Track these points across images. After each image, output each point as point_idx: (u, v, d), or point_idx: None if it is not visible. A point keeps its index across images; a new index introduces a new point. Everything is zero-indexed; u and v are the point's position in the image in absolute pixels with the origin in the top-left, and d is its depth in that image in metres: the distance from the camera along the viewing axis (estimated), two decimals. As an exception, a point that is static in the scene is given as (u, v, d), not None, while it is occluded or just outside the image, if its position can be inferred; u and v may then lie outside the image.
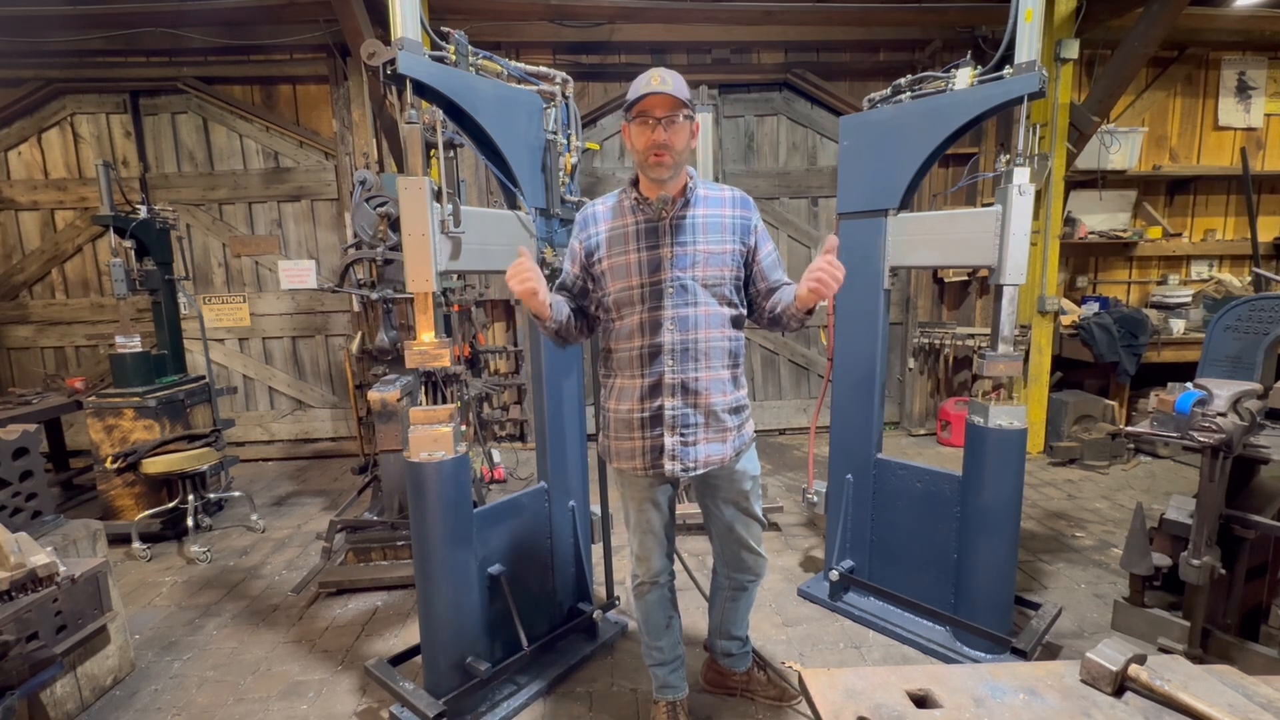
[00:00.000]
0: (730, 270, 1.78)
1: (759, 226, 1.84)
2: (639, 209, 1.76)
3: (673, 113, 1.63)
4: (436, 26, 2.00)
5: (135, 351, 3.82)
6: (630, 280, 1.74)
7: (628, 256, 1.75)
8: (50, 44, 4.61)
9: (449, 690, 2.07)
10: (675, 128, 1.65)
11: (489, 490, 4.33)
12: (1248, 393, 2.15)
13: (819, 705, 1.17)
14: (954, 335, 5.17)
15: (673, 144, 1.65)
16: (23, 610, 1.95)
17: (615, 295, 1.76)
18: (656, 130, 1.64)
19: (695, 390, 1.76)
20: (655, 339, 1.74)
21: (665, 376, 1.75)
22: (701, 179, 1.83)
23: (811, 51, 5.23)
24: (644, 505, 1.91)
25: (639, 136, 1.67)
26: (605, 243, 1.78)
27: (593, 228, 1.81)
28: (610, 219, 1.79)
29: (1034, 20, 2.14)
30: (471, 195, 4.85)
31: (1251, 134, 5.50)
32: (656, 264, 1.73)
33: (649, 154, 1.66)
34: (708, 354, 1.76)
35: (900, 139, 2.50)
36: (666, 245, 1.74)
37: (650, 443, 1.78)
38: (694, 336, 1.74)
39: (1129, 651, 1.19)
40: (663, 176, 1.69)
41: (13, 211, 5.12)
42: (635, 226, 1.76)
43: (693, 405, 1.76)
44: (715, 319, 1.77)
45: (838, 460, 2.85)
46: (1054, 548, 3.42)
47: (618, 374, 1.83)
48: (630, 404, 1.78)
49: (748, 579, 2.08)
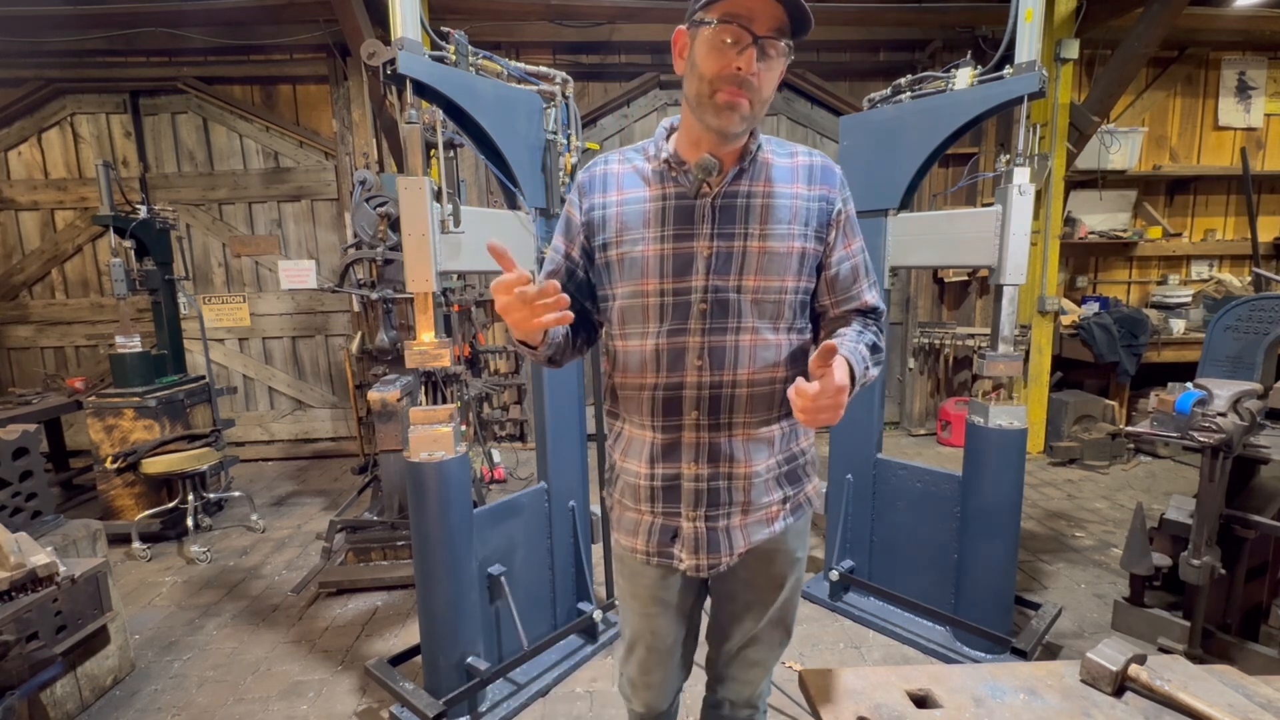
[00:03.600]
0: (798, 281, 1.19)
1: (846, 213, 1.22)
2: (670, 176, 1.17)
3: (777, 34, 1.04)
4: (436, 26, 2.00)
5: (135, 351, 3.83)
6: (646, 283, 1.16)
7: (647, 247, 1.16)
8: (50, 44, 4.60)
9: (449, 690, 2.07)
10: (770, 60, 1.06)
11: (489, 490, 4.33)
12: (1248, 393, 2.15)
13: (819, 705, 1.17)
14: (954, 335, 5.17)
15: (763, 84, 1.07)
16: (23, 610, 1.96)
17: (621, 302, 1.20)
18: (747, 54, 1.02)
19: (730, 456, 1.20)
20: (675, 376, 1.17)
21: (685, 434, 1.19)
22: (766, 135, 1.23)
23: (811, 51, 5.23)
24: (650, 606, 1.31)
25: (711, 55, 1.04)
26: (612, 219, 1.19)
27: (599, 194, 1.21)
28: (628, 185, 1.20)
29: (1034, 20, 2.14)
30: (471, 195, 4.85)
31: (1251, 134, 5.49)
32: (687, 263, 1.15)
33: (722, 85, 1.05)
34: (751, 403, 1.19)
35: (900, 139, 2.50)
36: (705, 236, 1.14)
37: (661, 521, 1.23)
38: (731, 378, 1.17)
39: (1129, 651, 1.19)
40: (734, 128, 1.09)
41: (13, 211, 5.12)
42: (662, 202, 1.16)
43: (727, 477, 1.20)
44: (768, 353, 1.18)
45: (838, 460, 2.85)
46: (1054, 548, 3.42)
47: (625, 418, 1.27)
48: (639, 464, 1.23)
49: (737, 703, 1.43)
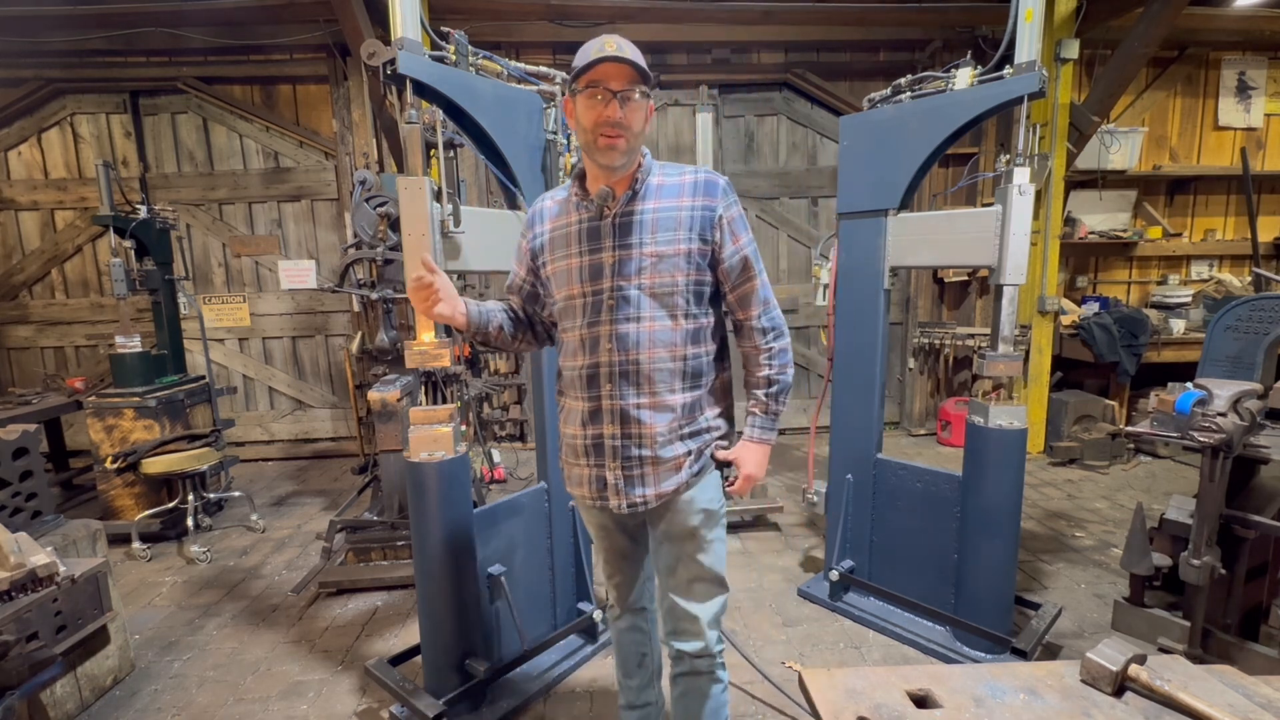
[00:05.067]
0: (687, 275, 1.48)
1: (728, 217, 1.50)
2: (582, 205, 1.51)
3: (630, 87, 1.37)
4: (436, 26, 2.01)
5: (135, 351, 3.83)
6: (571, 289, 1.51)
7: (569, 261, 1.50)
8: (50, 44, 4.60)
9: (449, 690, 2.07)
10: (632, 105, 1.38)
11: (489, 490, 4.33)
12: (1248, 393, 2.15)
13: (819, 705, 1.17)
14: (954, 335, 5.17)
15: (630, 124, 1.39)
16: (23, 610, 1.96)
17: (560, 305, 1.55)
18: (611, 105, 1.36)
19: (637, 419, 1.49)
20: (593, 358, 1.50)
21: (604, 403, 1.50)
22: (661, 162, 1.55)
23: (811, 51, 5.23)
24: (600, 531, 1.70)
25: (587, 112, 1.39)
26: (549, 244, 1.55)
27: (539, 226, 1.58)
28: (556, 216, 1.55)
29: (1034, 20, 2.14)
30: (471, 195, 4.85)
31: (1251, 134, 5.50)
32: (598, 270, 1.47)
33: (598, 133, 1.38)
34: (651, 378, 1.48)
35: (900, 139, 2.50)
36: (610, 249, 1.47)
37: (595, 472, 1.56)
38: (635, 357, 1.47)
39: (1129, 651, 1.19)
40: (615, 163, 1.41)
41: (13, 211, 5.12)
42: (578, 226, 1.51)
43: (635, 436, 1.50)
44: (662, 336, 1.48)
45: (838, 460, 2.85)
46: (1054, 548, 3.42)
47: (566, 393, 1.61)
48: (574, 428, 1.57)
49: (676, 640, 1.61)
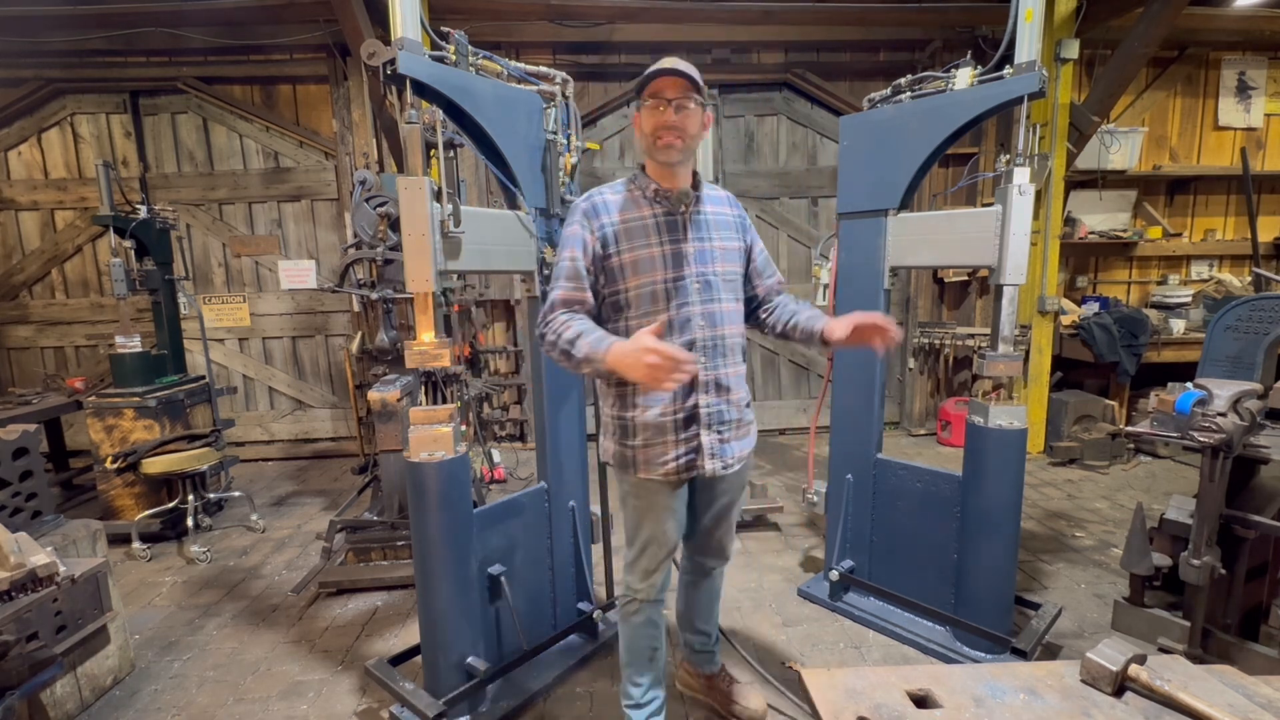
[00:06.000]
0: (738, 266, 1.80)
1: (749, 224, 1.89)
2: (659, 200, 1.70)
3: (685, 95, 1.60)
4: (436, 26, 2.00)
5: (135, 351, 3.83)
6: (655, 275, 1.67)
7: (650, 250, 1.68)
8: (50, 44, 4.60)
9: (449, 690, 2.07)
10: (687, 111, 1.61)
11: (489, 490, 4.33)
12: (1248, 393, 2.15)
13: (819, 705, 1.17)
14: (954, 335, 5.17)
15: (685, 127, 1.61)
16: (23, 610, 1.96)
17: (635, 291, 1.68)
18: (667, 112, 1.60)
19: (727, 386, 1.74)
20: (686, 336, 1.69)
21: (699, 374, 1.70)
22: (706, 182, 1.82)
23: (811, 51, 5.23)
24: (664, 517, 1.79)
25: (648, 118, 1.63)
26: (622, 234, 1.68)
27: (605, 217, 1.70)
28: (623, 209, 1.70)
29: (1034, 20, 2.14)
30: (471, 195, 4.85)
31: (1251, 134, 5.49)
32: (680, 259, 1.69)
33: (657, 135, 1.62)
34: (732, 350, 1.75)
35: (900, 139, 2.50)
36: (687, 240, 1.70)
37: (685, 445, 1.72)
38: (721, 333, 1.72)
39: (1129, 651, 1.19)
40: (673, 160, 1.65)
41: (13, 211, 5.12)
42: (655, 219, 1.69)
43: (726, 401, 1.74)
44: (734, 315, 1.77)
45: (838, 460, 2.85)
46: (1054, 548, 3.42)
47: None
48: (663, 407, 1.70)
49: (716, 563, 2.04)
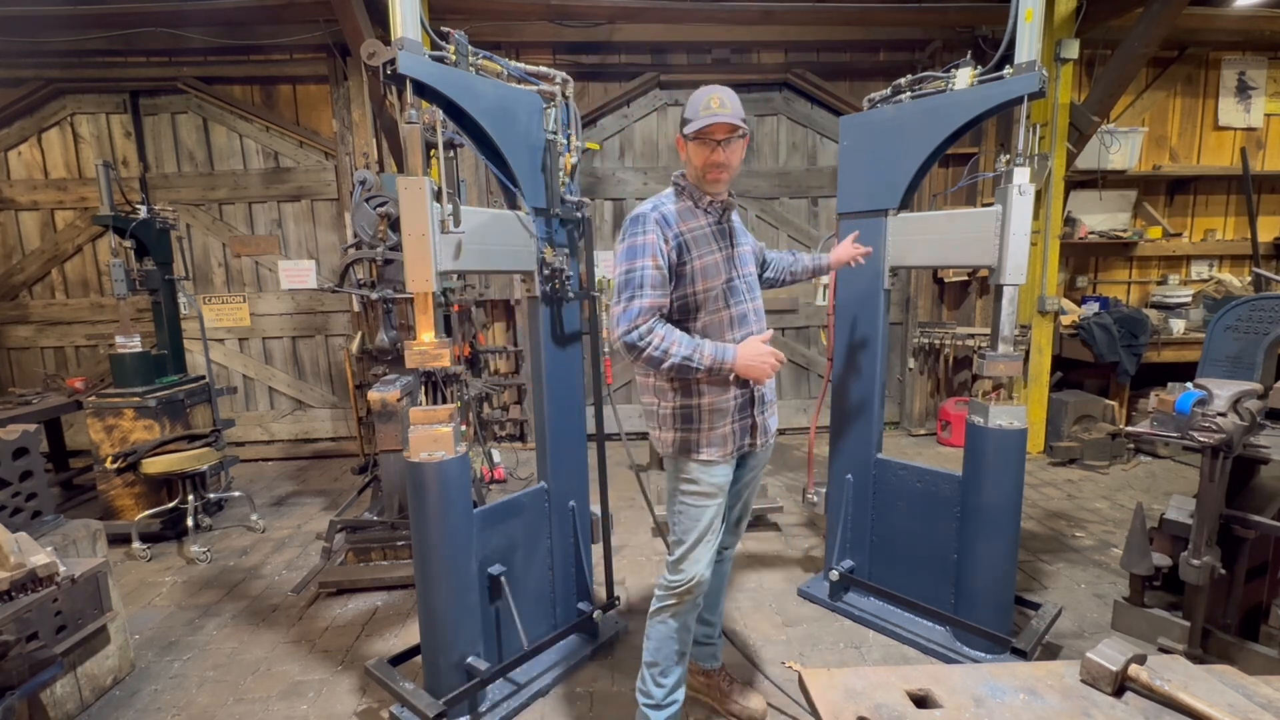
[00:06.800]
0: (756, 268, 2.08)
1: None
2: (710, 210, 1.89)
3: (730, 135, 1.77)
4: (436, 26, 2.00)
5: (135, 351, 3.83)
6: (719, 278, 1.86)
7: (715, 255, 1.87)
8: (50, 44, 4.61)
9: (449, 690, 2.07)
10: (732, 148, 1.79)
11: (489, 490, 4.33)
12: (1248, 393, 2.15)
13: (819, 705, 1.17)
14: (954, 335, 5.17)
15: (730, 163, 1.81)
16: (23, 610, 1.95)
17: (704, 294, 1.86)
18: (716, 151, 1.77)
19: None
20: (746, 330, 1.90)
21: None
22: None
23: (811, 51, 5.23)
24: (718, 497, 1.90)
25: (698, 153, 1.80)
26: (691, 243, 1.84)
27: (674, 228, 1.83)
28: (684, 219, 1.86)
29: (1034, 20, 2.14)
30: (471, 195, 4.85)
31: (1251, 134, 5.50)
32: (731, 262, 1.90)
33: (708, 172, 1.81)
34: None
35: (900, 139, 2.50)
36: (733, 246, 1.93)
37: (742, 425, 1.91)
38: (762, 325, 1.96)
39: (1129, 651, 1.19)
40: (720, 192, 1.88)
41: (13, 211, 5.12)
42: (710, 228, 1.88)
43: (767, 385, 1.98)
44: (764, 309, 2.02)
45: (838, 460, 2.85)
46: (1054, 548, 3.42)
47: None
48: (728, 392, 1.88)
49: (731, 541, 2.18)
